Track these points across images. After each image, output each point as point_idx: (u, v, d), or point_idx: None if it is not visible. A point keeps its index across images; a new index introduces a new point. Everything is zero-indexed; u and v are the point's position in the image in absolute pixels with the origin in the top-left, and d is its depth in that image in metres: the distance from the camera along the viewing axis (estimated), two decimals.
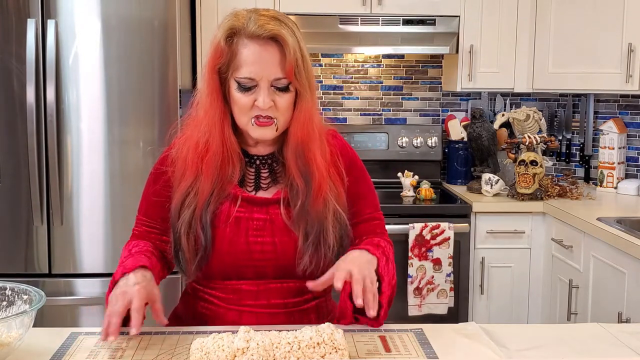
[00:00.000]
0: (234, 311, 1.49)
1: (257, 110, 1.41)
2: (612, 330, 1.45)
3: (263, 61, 1.38)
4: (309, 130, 1.44)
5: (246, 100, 1.41)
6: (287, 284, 1.49)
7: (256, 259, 1.46)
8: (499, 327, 1.47)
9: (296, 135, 1.44)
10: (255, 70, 1.38)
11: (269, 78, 1.39)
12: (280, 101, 1.41)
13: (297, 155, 1.45)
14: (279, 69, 1.38)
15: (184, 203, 1.45)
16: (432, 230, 2.96)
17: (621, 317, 2.39)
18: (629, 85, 2.98)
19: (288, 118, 1.44)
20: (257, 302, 1.49)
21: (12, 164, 2.71)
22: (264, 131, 1.43)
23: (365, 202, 1.57)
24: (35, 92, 2.65)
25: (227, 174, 1.46)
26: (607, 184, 3.34)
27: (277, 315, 1.49)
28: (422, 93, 3.72)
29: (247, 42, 1.39)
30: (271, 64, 1.38)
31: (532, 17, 3.30)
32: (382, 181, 3.55)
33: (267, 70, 1.38)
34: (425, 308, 3.00)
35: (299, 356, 1.20)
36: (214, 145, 1.44)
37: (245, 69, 1.39)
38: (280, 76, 1.39)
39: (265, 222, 1.46)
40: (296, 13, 3.25)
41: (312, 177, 1.44)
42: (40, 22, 2.66)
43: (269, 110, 1.40)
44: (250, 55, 1.38)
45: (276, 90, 1.40)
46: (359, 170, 1.58)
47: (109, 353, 1.31)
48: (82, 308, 2.78)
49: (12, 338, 1.22)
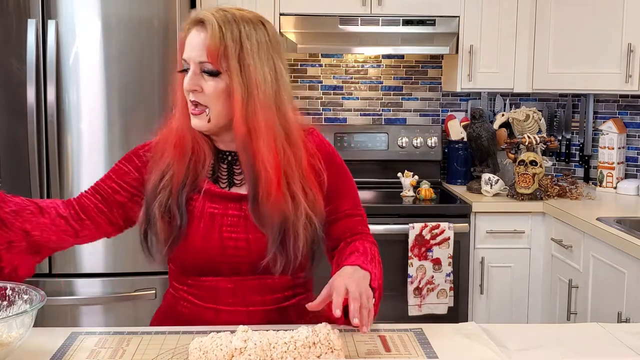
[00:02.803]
0: (211, 310, 1.49)
1: (190, 96, 1.43)
2: (612, 330, 1.45)
3: (193, 44, 1.41)
4: (251, 125, 1.40)
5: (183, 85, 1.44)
6: (265, 280, 1.48)
7: (230, 254, 1.46)
8: (498, 327, 1.47)
9: (238, 128, 1.41)
10: (186, 53, 1.43)
11: (195, 60, 1.41)
12: (206, 86, 1.40)
13: (242, 149, 1.43)
14: (204, 53, 1.39)
15: (160, 184, 1.46)
16: (432, 230, 2.96)
17: (621, 317, 2.39)
18: (628, 85, 2.98)
19: (221, 109, 1.42)
20: (234, 300, 1.48)
21: (13, 163, 2.71)
22: (196, 121, 1.44)
23: (344, 198, 1.55)
24: (35, 92, 2.66)
25: (200, 161, 1.47)
26: (607, 184, 3.34)
27: (255, 313, 1.49)
28: (422, 93, 3.72)
29: (191, 28, 1.44)
30: (198, 47, 1.40)
31: (532, 17, 3.31)
32: (381, 181, 3.56)
33: (194, 52, 1.41)
34: (425, 308, 3.00)
35: (295, 356, 1.21)
36: (182, 133, 1.47)
37: (184, 53, 1.44)
38: (204, 60, 1.40)
39: (239, 219, 1.46)
40: (296, 13, 3.25)
41: (258, 175, 1.41)
42: (41, 22, 2.66)
43: (195, 94, 1.41)
44: (188, 40, 1.43)
45: (205, 75, 1.41)
46: (337, 166, 1.56)
47: (109, 353, 1.31)
48: (82, 308, 2.78)
49: (13, 338, 1.22)
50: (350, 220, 1.55)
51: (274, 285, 1.50)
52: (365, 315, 1.30)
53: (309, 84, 3.69)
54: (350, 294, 1.30)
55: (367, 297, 1.33)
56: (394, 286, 3.02)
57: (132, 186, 1.52)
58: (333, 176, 1.54)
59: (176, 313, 1.54)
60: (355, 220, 1.56)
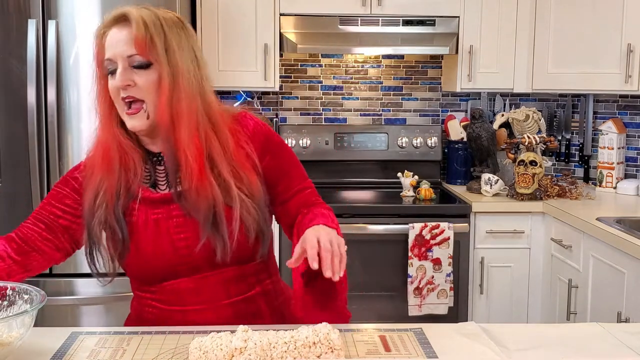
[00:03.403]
0: (177, 312, 1.49)
1: (122, 92, 1.40)
2: (611, 330, 1.45)
3: (116, 41, 1.40)
4: (173, 111, 1.40)
5: (112, 86, 1.41)
6: (224, 273, 1.48)
7: (185, 254, 1.46)
8: (498, 327, 1.47)
9: (161, 117, 1.41)
10: (110, 51, 1.40)
11: (123, 55, 1.39)
12: (139, 79, 1.39)
13: (164, 138, 1.43)
14: (131, 46, 1.39)
15: (96, 202, 1.45)
16: (431, 230, 2.96)
17: (620, 316, 2.39)
18: (628, 85, 2.99)
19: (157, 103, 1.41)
20: (199, 299, 1.48)
21: (13, 163, 2.72)
22: (134, 121, 1.41)
23: (290, 176, 1.56)
24: (36, 93, 2.66)
25: (130, 170, 1.45)
26: (607, 184, 3.35)
27: (222, 308, 1.49)
28: (422, 93, 3.72)
29: (110, 29, 1.42)
30: (123, 42, 1.39)
31: (532, 18, 3.31)
32: (381, 181, 3.56)
33: (119, 48, 1.39)
34: (425, 308, 3.00)
35: (295, 356, 1.21)
36: (108, 141, 1.45)
37: (106, 53, 1.41)
38: (133, 52, 1.39)
39: (185, 218, 1.45)
40: (296, 13, 3.25)
41: (179, 162, 1.41)
42: (41, 22, 2.66)
43: (129, 89, 1.39)
44: (109, 39, 1.41)
45: (136, 69, 1.39)
46: (276, 146, 1.55)
47: (109, 353, 1.31)
48: (82, 308, 2.78)
49: (13, 338, 1.22)
50: (301, 195, 1.56)
51: (236, 276, 1.49)
52: (337, 264, 1.31)
53: (309, 84, 3.69)
54: (322, 245, 1.31)
55: (339, 243, 1.34)
56: (394, 286, 3.02)
57: (72, 208, 1.50)
58: (276, 157, 1.54)
59: (143, 320, 1.53)
60: (306, 193, 1.57)
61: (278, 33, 3.25)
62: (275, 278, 1.59)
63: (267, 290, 1.55)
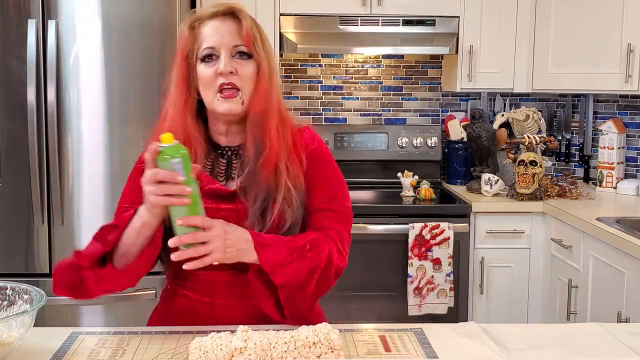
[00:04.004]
0: (206, 304, 1.51)
1: (221, 79, 1.46)
2: (611, 330, 1.45)
3: (221, 32, 1.48)
4: (267, 103, 1.50)
5: (209, 72, 1.47)
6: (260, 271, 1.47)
7: None
8: (498, 327, 1.47)
9: (255, 106, 1.49)
10: (214, 40, 1.47)
11: (229, 45, 1.47)
12: (241, 69, 1.47)
13: (254, 125, 1.49)
14: (237, 37, 1.47)
15: None
16: (431, 230, 2.96)
17: (620, 316, 2.39)
18: (628, 85, 2.99)
19: (250, 92, 1.48)
20: (230, 294, 1.50)
21: (13, 163, 2.71)
22: (229, 104, 1.47)
23: (315, 191, 1.55)
24: (35, 92, 2.66)
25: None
26: (607, 184, 3.35)
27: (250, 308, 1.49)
28: (422, 93, 3.72)
29: (207, 22, 1.50)
30: (229, 33, 1.47)
31: (532, 18, 3.31)
32: (381, 181, 3.56)
33: (225, 38, 1.47)
34: (425, 308, 3.00)
35: (295, 356, 1.21)
36: (177, 132, 1.47)
37: (206, 42, 1.48)
38: (239, 43, 1.47)
39: (231, 212, 1.48)
40: (296, 13, 3.25)
41: (264, 147, 1.48)
42: (41, 22, 2.66)
43: (230, 76, 1.45)
44: (210, 30, 1.48)
45: (238, 58, 1.47)
46: (319, 160, 1.58)
47: (109, 353, 1.31)
48: (82, 308, 2.78)
49: (13, 338, 1.22)
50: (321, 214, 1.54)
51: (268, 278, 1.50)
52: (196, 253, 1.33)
53: (309, 84, 3.69)
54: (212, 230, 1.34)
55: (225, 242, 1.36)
56: (394, 286, 3.02)
57: None
58: (316, 168, 1.56)
59: (172, 308, 1.55)
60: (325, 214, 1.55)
61: (278, 33, 3.24)
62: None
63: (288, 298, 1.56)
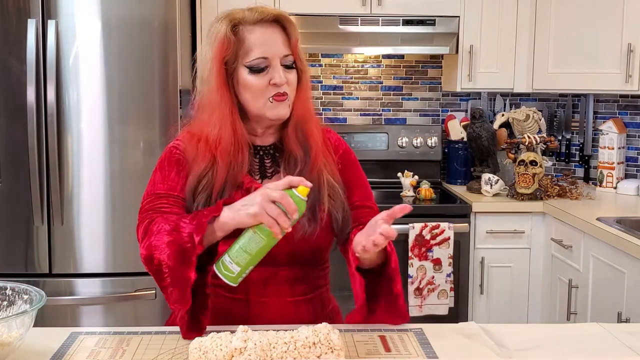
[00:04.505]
0: (241, 302, 1.51)
1: (274, 89, 1.48)
2: (612, 330, 1.45)
3: (271, 41, 1.49)
4: (308, 107, 1.56)
5: (261, 82, 1.48)
6: (295, 271, 1.53)
7: None
8: (498, 327, 1.47)
9: (297, 111, 1.53)
10: (266, 50, 1.48)
11: (280, 55, 1.49)
12: (290, 78, 1.50)
13: (297, 129, 1.54)
14: (286, 47, 1.50)
15: (198, 187, 1.49)
16: (432, 230, 2.96)
17: (621, 317, 2.39)
18: (628, 85, 2.99)
19: (294, 97, 1.53)
20: (265, 291, 1.51)
21: (13, 163, 2.71)
22: (279, 109, 1.49)
23: (355, 190, 1.61)
24: (35, 92, 2.65)
25: (238, 163, 1.51)
26: (607, 184, 3.34)
27: (285, 305, 1.52)
28: (422, 93, 3.72)
29: (252, 27, 1.49)
30: (279, 42, 1.49)
31: (532, 18, 3.31)
32: (382, 181, 3.55)
33: (276, 48, 1.48)
34: (426, 309, 3.00)
35: (295, 356, 1.21)
36: (226, 137, 1.49)
37: (256, 51, 1.47)
38: (288, 53, 1.50)
39: None
40: (296, 13, 3.24)
41: (310, 148, 1.53)
42: (41, 22, 2.66)
43: (283, 86, 1.48)
44: (259, 38, 1.48)
45: (285, 68, 1.50)
46: (350, 161, 1.64)
47: (109, 353, 1.31)
48: (82, 308, 2.78)
49: (13, 338, 1.22)
50: (360, 212, 1.59)
51: (303, 277, 1.54)
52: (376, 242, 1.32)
53: None
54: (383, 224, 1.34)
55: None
56: None
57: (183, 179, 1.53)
58: (347, 169, 1.61)
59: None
60: (365, 211, 1.59)
61: None
62: (328, 287, 1.65)
63: (322, 296, 1.61)
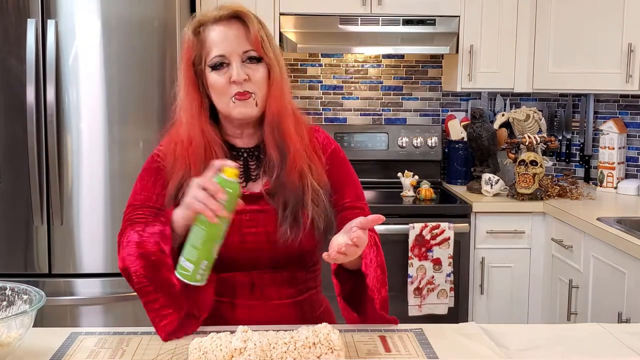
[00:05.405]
0: (227, 304, 1.51)
1: (235, 87, 1.45)
2: (612, 330, 1.45)
3: (230, 38, 1.46)
4: (282, 104, 1.50)
5: (221, 80, 1.46)
6: (281, 273, 1.52)
7: (249, 248, 1.48)
8: (498, 327, 1.47)
9: (271, 108, 1.49)
10: (223, 47, 1.46)
11: (239, 52, 1.46)
12: (253, 74, 1.46)
13: (272, 127, 1.49)
14: (246, 42, 1.46)
15: (178, 194, 1.47)
16: (432, 230, 2.96)
17: (621, 317, 2.39)
18: (629, 85, 2.98)
19: (265, 95, 1.48)
20: (252, 294, 1.51)
21: (12, 163, 2.71)
22: (244, 108, 1.46)
23: (346, 190, 1.59)
24: (35, 92, 2.65)
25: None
26: (607, 184, 3.34)
27: (272, 308, 1.51)
28: (422, 93, 3.72)
29: (213, 26, 1.48)
30: (238, 38, 1.46)
31: (532, 17, 3.30)
32: (382, 181, 3.55)
33: (234, 44, 1.46)
34: (425, 308, 3.00)
35: (295, 356, 1.20)
36: (196, 137, 1.48)
37: (215, 49, 1.46)
38: (249, 48, 1.46)
39: (258, 213, 1.49)
40: (296, 13, 3.25)
41: (288, 150, 1.49)
42: (41, 22, 2.66)
43: (244, 84, 1.45)
44: (217, 36, 1.47)
45: (248, 63, 1.46)
46: (340, 160, 1.61)
47: (109, 353, 1.31)
48: (82, 308, 2.78)
49: (12, 338, 1.22)
50: (351, 212, 1.57)
51: (290, 279, 1.53)
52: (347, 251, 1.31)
53: (309, 84, 3.69)
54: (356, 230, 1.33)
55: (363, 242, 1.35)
56: (394, 286, 3.00)
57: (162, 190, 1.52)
58: (338, 169, 1.59)
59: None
60: (355, 212, 1.58)
61: (278, 32, 3.24)
62: (319, 289, 1.63)
63: (312, 299, 1.59)
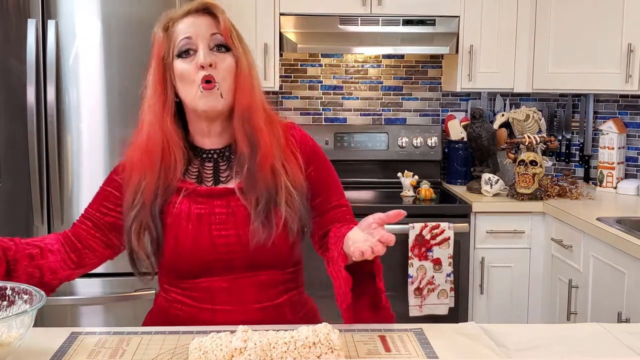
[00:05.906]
0: (206, 311, 1.49)
1: (201, 72, 1.43)
2: (612, 330, 1.45)
3: (197, 25, 1.45)
4: (251, 98, 1.47)
5: (188, 66, 1.45)
6: (258, 276, 1.49)
7: (222, 252, 1.47)
8: (498, 327, 1.46)
9: (240, 102, 1.47)
10: (190, 31, 1.45)
11: (206, 35, 1.45)
12: (219, 62, 1.44)
13: (243, 121, 1.47)
14: (214, 27, 1.45)
15: (133, 203, 1.47)
16: (432, 230, 2.96)
17: (621, 317, 2.39)
18: (628, 85, 2.98)
19: (230, 87, 1.46)
20: (230, 299, 1.49)
21: (13, 163, 2.71)
22: (209, 99, 1.44)
23: (329, 190, 1.58)
24: (35, 92, 2.65)
25: (170, 167, 1.47)
26: (607, 184, 3.34)
27: (252, 311, 1.49)
28: (422, 93, 3.72)
29: (181, 20, 1.47)
30: (205, 25, 1.46)
31: (532, 18, 3.31)
32: (382, 181, 3.55)
33: (202, 29, 1.45)
34: (426, 309, 3.00)
35: (295, 356, 1.20)
36: (154, 136, 1.47)
37: (181, 35, 1.45)
38: (216, 31, 1.45)
39: (228, 215, 1.47)
40: (296, 13, 3.25)
41: (259, 144, 1.46)
42: (41, 22, 2.66)
43: (211, 69, 1.43)
44: (185, 26, 1.46)
45: (216, 52, 1.45)
46: (320, 159, 1.59)
47: (109, 353, 1.31)
48: (82, 308, 2.78)
49: (13, 338, 1.22)
50: (338, 211, 1.57)
51: (267, 281, 1.51)
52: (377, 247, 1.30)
53: (309, 84, 3.69)
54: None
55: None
56: (395, 286, 3.01)
57: (117, 204, 1.52)
58: (318, 169, 1.57)
59: (170, 316, 1.53)
60: (342, 210, 1.59)
61: (278, 33, 3.24)
62: (301, 289, 1.61)
63: (293, 300, 1.56)
